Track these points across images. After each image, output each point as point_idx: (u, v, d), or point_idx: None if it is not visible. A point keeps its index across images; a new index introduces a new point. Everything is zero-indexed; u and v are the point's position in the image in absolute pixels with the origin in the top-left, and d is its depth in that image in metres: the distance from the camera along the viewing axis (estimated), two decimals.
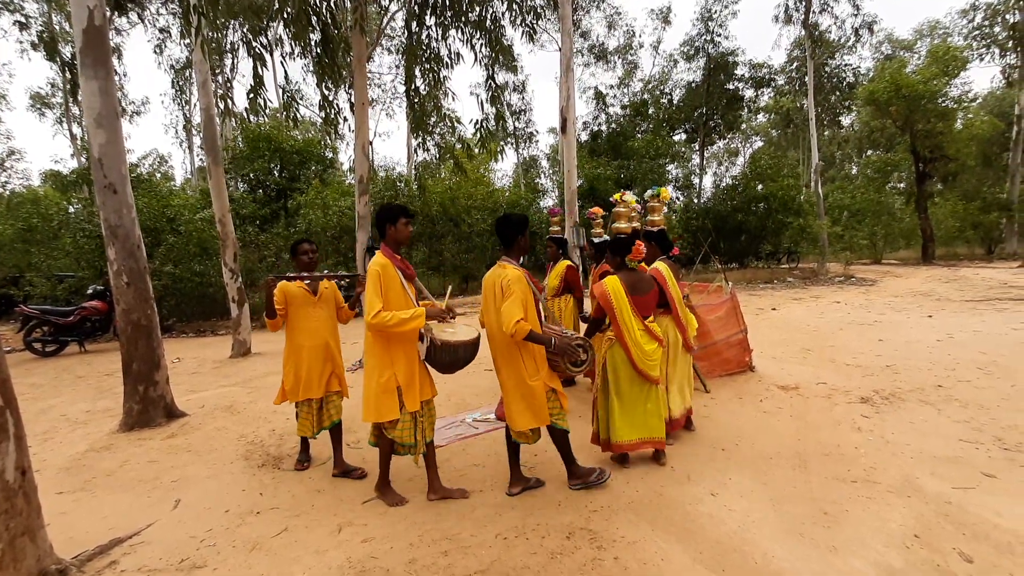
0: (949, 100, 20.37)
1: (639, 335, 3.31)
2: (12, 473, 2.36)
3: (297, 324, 3.55)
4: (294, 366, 3.52)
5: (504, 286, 2.89)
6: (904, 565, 2.37)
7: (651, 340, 3.36)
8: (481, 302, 3.23)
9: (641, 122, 23.45)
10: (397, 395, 2.91)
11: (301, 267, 3.63)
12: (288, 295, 3.52)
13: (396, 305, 2.87)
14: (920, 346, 6.59)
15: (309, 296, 3.57)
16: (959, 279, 14.70)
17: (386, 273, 2.89)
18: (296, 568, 2.50)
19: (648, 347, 3.33)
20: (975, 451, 3.52)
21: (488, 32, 7.19)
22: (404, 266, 3.03)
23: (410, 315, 2.81)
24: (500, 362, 3.08)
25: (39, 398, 6.21)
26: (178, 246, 12.13)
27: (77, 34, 4.64)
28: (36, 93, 26.38)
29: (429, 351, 2.93)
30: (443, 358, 2.96)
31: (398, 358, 2.94)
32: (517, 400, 3.00)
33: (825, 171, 28.08)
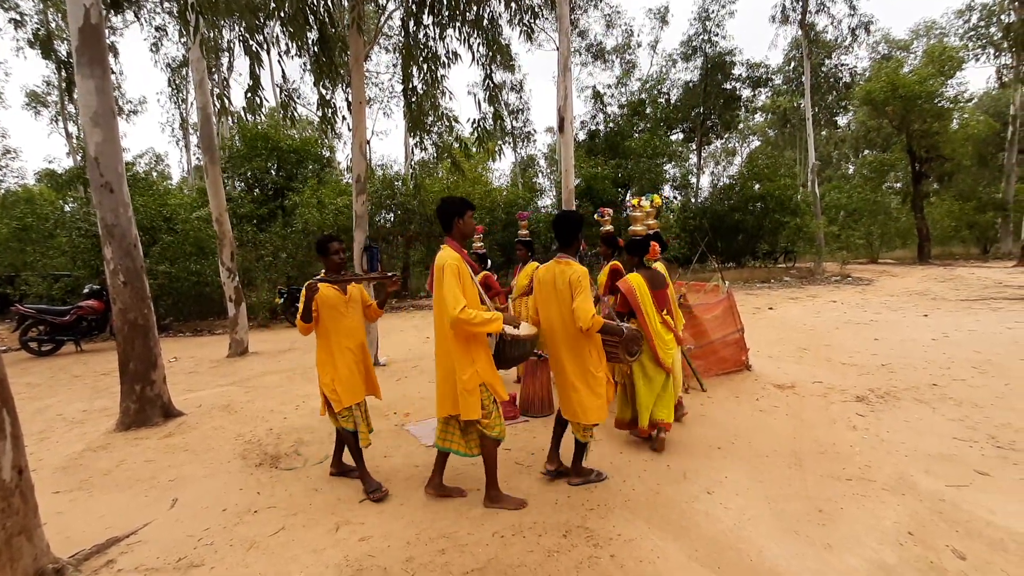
0: (945, 100, 20.46)
1: (659, 326, 3.70)
2: (9, 472, 2.36)
3: (332, 326, 3.27)
4: (334, 370, 3.23)
5: (573, 282, 2.97)
6: (898, 562, 2.38)
7: (668, 331, 3.76)
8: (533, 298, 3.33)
9: (639, 121, 23.46)
10: (480, 392, 2.87)
11: (332, 267, 3.34)
12: (320, 296, 3.25)
13: (471, 301, 2.82)
14: (915, 345, 6.62)
15: (341, 296, 3.32)
16: (954, 278, 14.77)
17: (462, 269, 2.86)
18: (293, 567, 2.51)
19: (666, 337, 3.73)
20: (969, 449, 3.55)
21: (486, 31, 7.18)
22: (471, 261, 3.01)
23: (491, 316, 2.78)
24: (566, 355, 3.12)
25: (35, 397, 6.19)
26: (174, 245, 12.11)
27: (73, 32, 4.62)
28: (32, 91, 26.26)
29: (498, 346, 2.96)
30: (512, 353, 3.00)
31: (479, 355, 2.90)
32: (587, 392, 3.08)
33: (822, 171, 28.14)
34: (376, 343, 6.98)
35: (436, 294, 2.92)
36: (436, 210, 3.07)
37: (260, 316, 12.26)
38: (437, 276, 2.87)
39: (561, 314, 3.05)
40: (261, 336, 10.48)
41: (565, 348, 3.11)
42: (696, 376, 5.11)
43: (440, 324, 2.93)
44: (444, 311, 2.77)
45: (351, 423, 3.22)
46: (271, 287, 12.87)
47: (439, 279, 2.84)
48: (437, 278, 2.87)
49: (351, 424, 3.22)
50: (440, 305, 2.86)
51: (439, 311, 2.90)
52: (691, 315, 5.40)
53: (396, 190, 16.35)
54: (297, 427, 4.59)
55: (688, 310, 5.36)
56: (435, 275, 2.92)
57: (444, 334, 2.91)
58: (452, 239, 2.98)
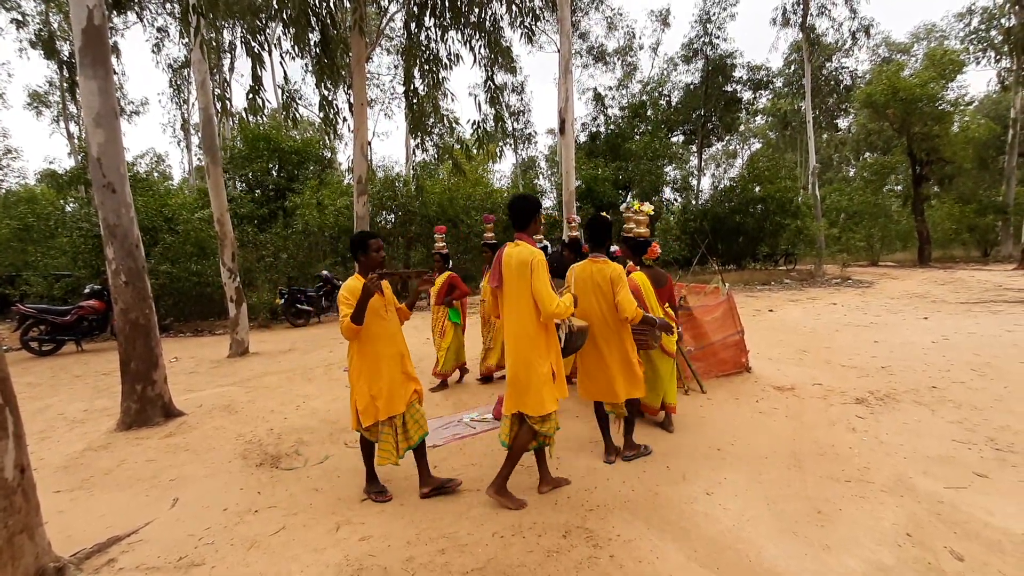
0: (946, 103, 20.48)
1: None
2: (11, 471, 2.37)
3: (375, 331, 3.02)
4: (371, 380, 3.00)
5: (614, 279, 3.28)
6: (896, 563, 2.39)
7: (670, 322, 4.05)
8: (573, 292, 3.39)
9: (639, 123, 23.51)
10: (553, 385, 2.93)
11: (374, 265, 3.08)
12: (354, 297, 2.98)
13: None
14: (915, 348, 6.63)
15: (381, 298, 3.06)
16: (955, 281, 14.78)
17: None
18: (294, 566, 2.52)
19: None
20: (968, 451, 3.55)
21: (487, 33, 7.22)
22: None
23: (569, 302, 2.92)
24: (606, 345, 3.39)
25: (36, 397, 6.20)
26: (175, 245, 12.14)
27: (76, 33, 4.65)
28: (34, 91, 26.33)
29: (568, 336, 3.09)
30: (577, 342, 3.20)
31: (552, 347, 2.97)
32: (631, 374, 3.43)
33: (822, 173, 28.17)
34: None
35: (515, 288, 2.90)
36: (512, 205, 3.06)
37: (261, 317, 12.27)
38: (520, 270, 2.86)
39: (601, 307, 3.34)
40: (262, 336, 10.49)
41: (604, 338, 3.39)
42: (696, 378, 5.11)
43: (517, 318, 2.92)
44: (540, 304, 2.82)
45: (375, 436, 3.07)
46: (272, 288, 12.90)
47: (523, 273, 2.84)
48: (519, 272, 2.86)
49: (374, 437, 3.08)
50: (520, 299, 2.88)
51: (518, 305, 2.91)
52: (691, 317, 5.40)
53: (397, 191, 16.38)
54: (297, 427, 4.60)
55: (688, 312, 5.38)
56: (513, 270, 2.90)
57: (522, 330, 2.91)
58: (527, 235, 3.02)
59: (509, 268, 2.93)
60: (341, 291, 2.98)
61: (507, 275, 2.95)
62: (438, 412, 4.87)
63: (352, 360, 3.07)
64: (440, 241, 6.05)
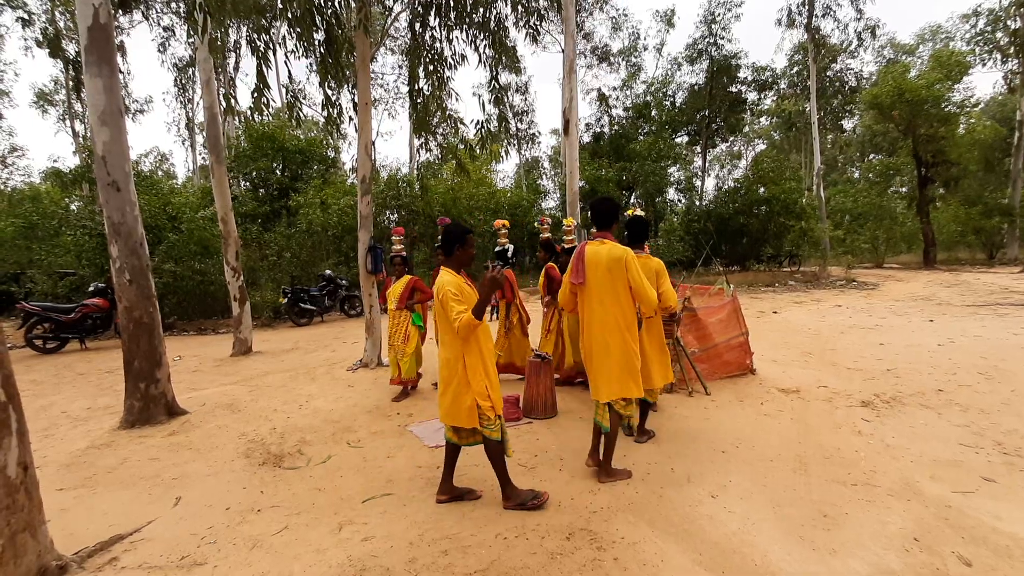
0: (952, 105, 20.38)
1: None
2: (14, 469, 2.37)
3: (481, 328, 2.92)
4: (488, 377, 2.91)
5: (659, 271, 3.48)
6: (903, 568, 2.37)
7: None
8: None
9: (644, 124, 23.48)
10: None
11: (467, 260, 3.00)
12: (466, 296, 2.85)
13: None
14: (921, 350, 6.59)
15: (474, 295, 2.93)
16: (960, 284, 14.69)
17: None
18: (297, 566, 2.51)
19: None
20: (975, 455, 3.52)
21: (492, 33, 7.20)
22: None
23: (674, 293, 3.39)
24: (646, 334, 3.58)
25: (40, 395, 6.22)
26: (179, 244, 12.17)
27: (82, 32, 4.65)
28: (40, 90, 26.45)
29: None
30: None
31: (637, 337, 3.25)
32: (664, 360, 3.68)
33: (827, 175, 28.08)
34: (380, 343, 6.99)
35: (606, 282, 3.10)
36: (597, 206, 3.29)
37: (264, 316, 12.29)
38: (611, 266, 3.07)
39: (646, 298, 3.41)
40: (265, 335, 10.50)
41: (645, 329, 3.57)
42: (700, 379, 5.09)
43: (609, 310, 3.12)
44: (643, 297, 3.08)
45: (499, 432, 2.92)
46: (275, 287, 12.92)
47: (616, 269, 3.06)
48: (611, 268, 3.07)
49: (499, 433, 2.92)
50: (612, 293, 3.10)
51: (610, 298, 3.10)
52: (695, 318, 5.39)
53: (401, 191, 16.40)
54: (300, 427, 4.60)
55: (693, 313, 5.36)
56: (603, 266, 3.09)
57: (615, 321, 3.11)
58: (611, 233, 3.24)
59: (597, 265, 3.11)
60: (446, 287, 2.79)
61: (594, 271, 3.14)
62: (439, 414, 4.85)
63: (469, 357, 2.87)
64: (398, 244, 5.91)
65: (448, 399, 2.92)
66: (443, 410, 2.98)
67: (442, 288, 2.81)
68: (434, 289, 2.93)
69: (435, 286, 2.92)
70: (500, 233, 6.00)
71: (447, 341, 2.93)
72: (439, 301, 2.84)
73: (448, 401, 2.92)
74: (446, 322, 2.84)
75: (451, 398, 2.90)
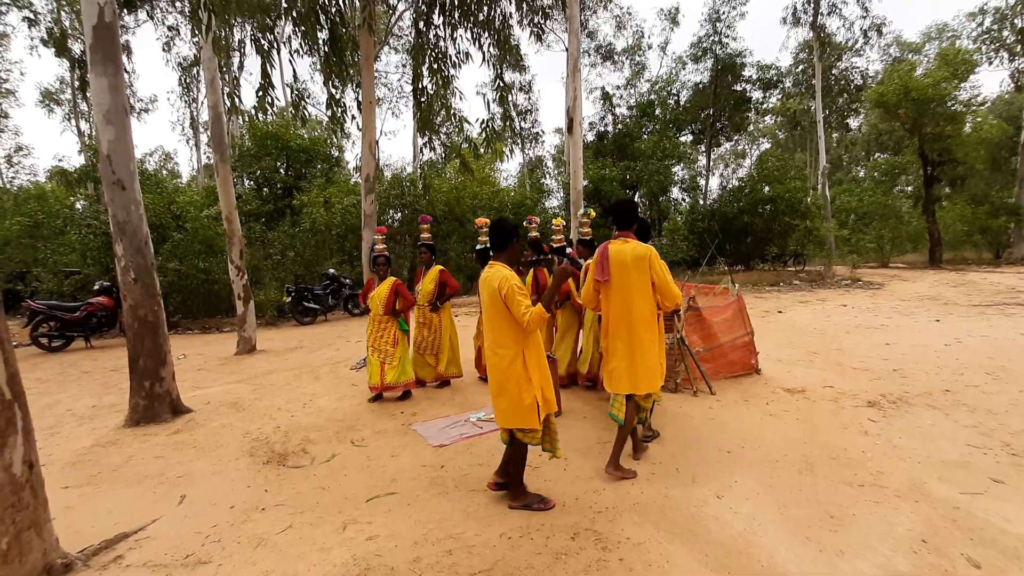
0: (958, 103, 20.22)
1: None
2: (19, 467, 2.37)
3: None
4: (543, 372, 2.93)
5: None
6: (911, 569, 2.35)
7: None
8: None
9: (647, 123, 23.39)
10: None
11: (518, 255, 3.10)
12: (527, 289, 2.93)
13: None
14: (928, 350, 6.54)
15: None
16: (967, 283, 14.60)
17: None
18: (301, 565, 2.50)
19: None
20: (983, 456, 3.49)
21: (497, 32, 7.18)
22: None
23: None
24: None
25: (45, 393, 6.25)
26: (184, 243, 12.20)
27: (87, 30, 4.66)
28: (46, 89, 26.56)
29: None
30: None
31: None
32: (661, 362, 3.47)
33: (832, 174, 27.91)
34: None
35: (632, 279, 3.22)
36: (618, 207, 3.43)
37: (268, 314, 12.32)
38: (636, 264, 3.21)
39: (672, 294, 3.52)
40: (269, 334, 10.52)
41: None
42: (705, 379, 5.07)
43: (633, 307, 3.24)
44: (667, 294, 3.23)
45: (538, 438, 2.92)
46: (279, 286, 12.94)
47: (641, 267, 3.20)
48: (636, 266, 3.21)
49: (537, 439, 2.92)
50: (637, 289, 3.22)
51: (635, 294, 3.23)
52: (700, 318, 5.36)
53: (404, 190, 16.39)
54: (304, 425, 4.60)
55: (697, 312, 5.33)
56: (629, 264, 3.22)
57: (640, 317, 3.24)
58: (632, 233, 3.38)
59: (623, 263, 3.23)
60: (511, 282, 2.75)
61: (619, 269, 3.26)
62: (444, 412, 4.85)
63: (530, 353, 2.85)
64: (381, 243, 5.38)
65: (506, 401, 2.83)
66: (500, 413, 2.90)
67: (505, 283, 2.74)
68: (497, 285, 2.76)
69: (489, 281, 2.83)
70: (481, 231, 5.75)
71: (503, 340, 2.83)
72: (501, 296, 2.74)
73: (506, 403, 2.83)
74: (502, 319, 2.78)
75: (510, 399, 2.81)
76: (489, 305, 2.86)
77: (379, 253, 5.28)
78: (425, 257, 5.61)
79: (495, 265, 2.91)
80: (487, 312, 2.91)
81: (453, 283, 5.55)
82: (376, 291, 5.13)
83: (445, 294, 5.55)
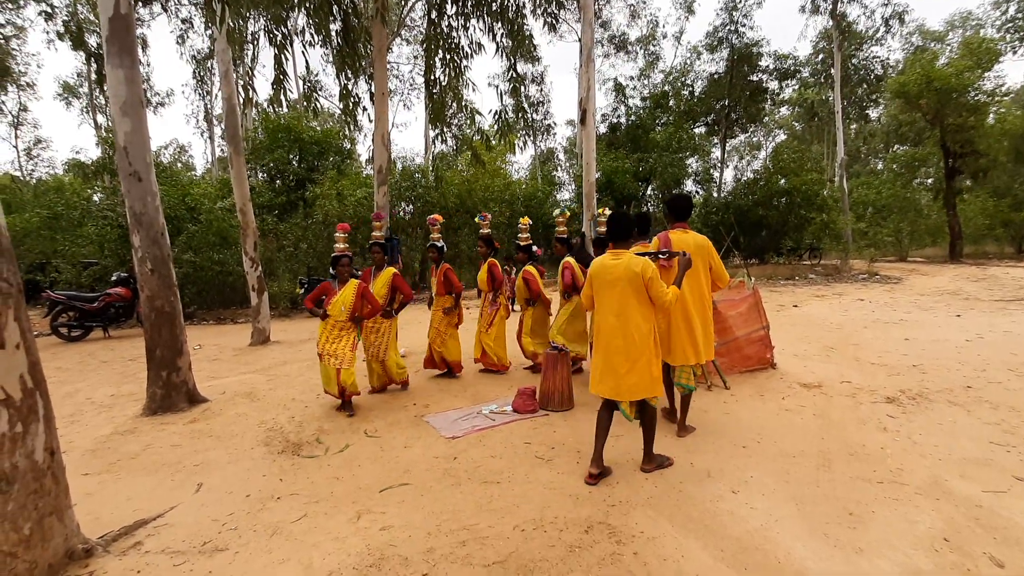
0: (982, 94, 19.71)
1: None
2: (41, 454, 2.41)
3: None
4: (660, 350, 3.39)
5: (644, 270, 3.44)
6: (933, 568, 2.30)
7: None
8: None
9: (661, 114, 23.09)
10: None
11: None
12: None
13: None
14: (948, 346, 6.41)
15: None
16: (988, 278, 14.29)
17: None
18: (316, 553, 2.52)
19: None
20: (1006, 454, 3.41)
21: (510, 22, 7.11)
22: None
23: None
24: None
25: (65, 381, 6.36)
26: (198, 235, 12.32)
27: (103, 23, 4.69)
28: (66, 83, 26.92)
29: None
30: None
31: None
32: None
33: (850, 166, 27.41)
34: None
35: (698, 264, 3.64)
36: (676, 201, 3.88)
37: (281, 306, 12.42)
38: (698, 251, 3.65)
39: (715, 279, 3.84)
40: (282, 325, 10.62)
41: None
42: (720, 373, 5.02)
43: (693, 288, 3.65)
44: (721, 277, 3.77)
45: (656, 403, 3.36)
46: (292, 277, 13.03)
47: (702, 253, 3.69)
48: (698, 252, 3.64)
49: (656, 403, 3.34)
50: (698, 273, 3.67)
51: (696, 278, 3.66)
52: (715, 311, 5.29)
53: (416, 182, 16.38)
54: (318, 416, 4.63)
55: (712, 306, 5.26)
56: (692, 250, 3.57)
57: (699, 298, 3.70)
58: (686, 224, 3.85)
59: (687, 248, 3.55)
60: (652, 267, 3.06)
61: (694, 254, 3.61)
62: (456, 404, 4.86)
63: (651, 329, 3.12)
64: (343, 242, 4.95)
65: (635, 376, 3.07)
66: (628, 387, 3.09)
67: (648, 267, 3.04)
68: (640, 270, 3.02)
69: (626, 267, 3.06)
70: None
71: (639, 321, 3.07)
72: (645, 280, 3.02)
73: (635, 378, 3.07)
74: (639, 301, 3.06)
75: (640, 373, 3.08)
76: (626, 287, 3.07)
77: (341, 253, 4.78)
78: (378, 257, 5.23)
79: (622, 253, 3.13)
80: (619, 296, 3.10)
81: (407, 290, 5.12)
82: (340, 295, 4.61)
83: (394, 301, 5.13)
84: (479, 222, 6.00)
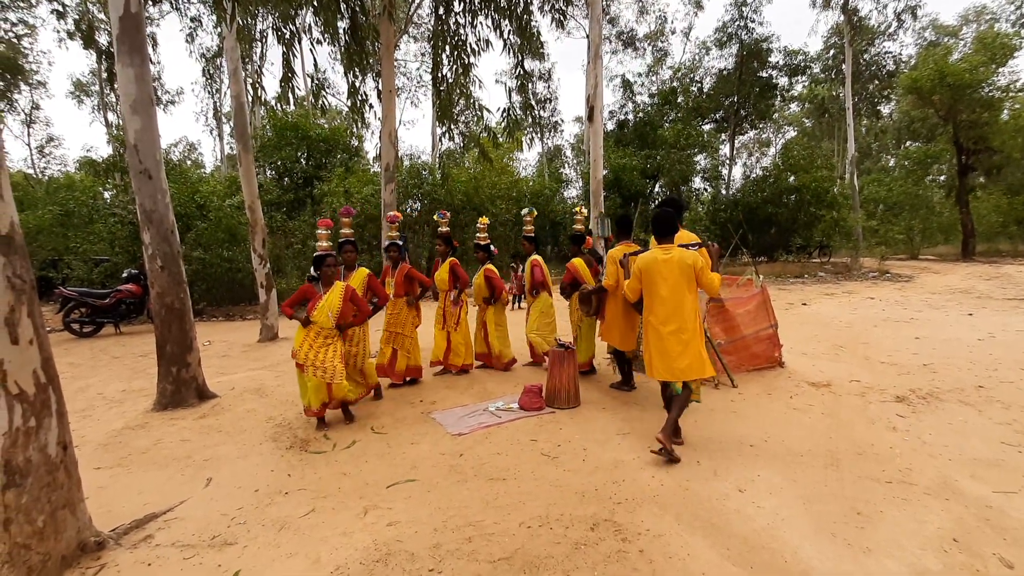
0: (996, 89, 19.41)
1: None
2: (54, 447, 2.44)
3: None
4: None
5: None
6: (942, 569, 2.29)
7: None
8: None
9: (670, 111, 22.97)
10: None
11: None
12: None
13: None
14: (959, 345, 6.35)
15: None
16: (1001, 276, 14.11)
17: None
18: (323, 548, 2.54)
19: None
20: (1018, 454, 3.38)
21: (518, 18, 7.09)
22: None
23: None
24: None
25: (77, 377, 6.44)
26: (207, 232, 12.41)
27: (114, 21, 4.72)
28: (78, 81, 27.19)
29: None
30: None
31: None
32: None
33: (861, 162, 27.13)
34: None
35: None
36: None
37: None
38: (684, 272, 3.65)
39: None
40: (291, 322, 10.67)
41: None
42: (727, 371, 4.99)
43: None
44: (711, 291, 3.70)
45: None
46: (300, 274, 13.10)
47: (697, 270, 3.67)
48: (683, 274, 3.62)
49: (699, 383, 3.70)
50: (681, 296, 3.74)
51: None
52: (723, 309, 5.27)
53: (423, 179, 16.41)
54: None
55: (720, 304, 5.25)
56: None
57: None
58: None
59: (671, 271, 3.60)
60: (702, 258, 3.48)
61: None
62: (462, 401, 4.87)
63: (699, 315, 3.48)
64: (325, 240, 4.67)
65: (688, 358, 3.40)
66: (681, 369, 3.40)
67: (699, 259, 3.43)
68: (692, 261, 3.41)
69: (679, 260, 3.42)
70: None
71: (693, 308, 3.44)
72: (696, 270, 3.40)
73: (688, 359, 3.39)
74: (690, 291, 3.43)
75: (692, 355, 3.40)
76: (679, 278, 3.42)
77: (325, 252, 4.34)
78: (351, 257, 4.78)
79: (671, 248, 3.51)
80: (673, 286, 3.43)
81: (382, 292, 4.86)
82: (325, 299, 4.15)
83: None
84: (437, 219, 5.90)
